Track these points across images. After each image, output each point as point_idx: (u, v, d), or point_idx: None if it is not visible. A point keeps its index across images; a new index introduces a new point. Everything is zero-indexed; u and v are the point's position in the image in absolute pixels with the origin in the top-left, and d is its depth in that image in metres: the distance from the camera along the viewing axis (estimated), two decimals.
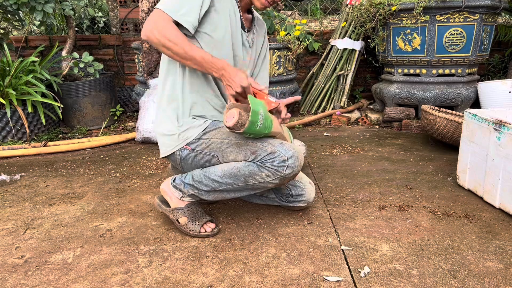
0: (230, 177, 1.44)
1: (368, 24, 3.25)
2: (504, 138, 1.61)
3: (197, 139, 1.48)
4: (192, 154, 1.50)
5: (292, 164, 1.38)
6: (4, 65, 2.92)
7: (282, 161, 1.37)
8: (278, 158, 1.37)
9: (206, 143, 1.47)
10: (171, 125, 1.51)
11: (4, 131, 2.85)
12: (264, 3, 1.47)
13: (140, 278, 1.25)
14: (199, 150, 1.49)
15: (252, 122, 1.29)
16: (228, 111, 1.34)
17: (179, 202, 1.54)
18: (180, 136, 1.49)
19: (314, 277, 1.24)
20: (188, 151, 1.50)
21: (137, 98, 3.25)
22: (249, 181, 1.43)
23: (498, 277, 1.23)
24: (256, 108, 1.29)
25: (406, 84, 3.13)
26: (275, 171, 1.38)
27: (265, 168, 1.39)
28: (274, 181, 1.41)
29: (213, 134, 1.48)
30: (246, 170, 1.41)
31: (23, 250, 1.44)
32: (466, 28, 2.86)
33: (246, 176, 1.42)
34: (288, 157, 1.37)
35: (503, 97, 2.87)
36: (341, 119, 3.25)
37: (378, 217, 1.63)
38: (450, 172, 2.11)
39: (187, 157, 1.51)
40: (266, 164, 1.38)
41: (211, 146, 1.47)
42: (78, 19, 4.28)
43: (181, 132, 1.49)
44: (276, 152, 1.38)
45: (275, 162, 1.37)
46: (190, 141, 1.48)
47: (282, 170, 1.38)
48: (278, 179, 1.40)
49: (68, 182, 2.13)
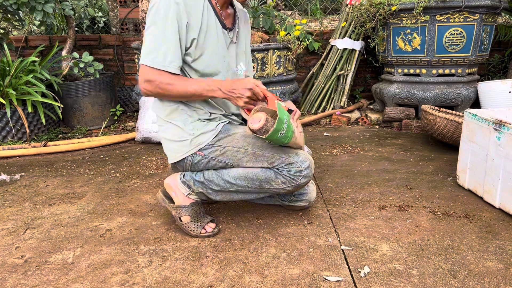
0: (245, 180, 1.46)
1: (368, 24, 3.24)
2: (504, 138, 1.61)
3: (211, 145, 1.46)
4: (204, 160, 1.48)
5: (307, 174, 1.44)
6: (4, 65, 2.92)
7: (298, 171, 1.42)
8: (295, 168, 1.42)
9: (220, 151, 1.45)
10: (179, 131, 1.46)
11: (4, 131, 2.85)
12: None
13: (140, 278, 1.26)
14: (212, 157, 1.46)
15: (276, 130, 1.28)
16: (255, 114, 1.32)
17: (184, 200, 1.53)
18: (192, 142, 1.45)
19: (314, 277, 1.24)
20: (200, 157, 1.47)
21: (137, 98, 3.25)
22: (264, 186, 1.46)
23: (498, 277, 1.23)
24: (282, 116, 1.29)
25: (406, 84, 3.13)
26: (291, 179, 1.43)
27: (282, 175, 1.43)
28: (288, 188, 1.46)
29: (228, 141, 1.45)
30: (263, 175, 1.44)
31: (23, 250, 1.44)
32: (466, 28, 2.85)
33: (262, 180, 1.45)
34: (305, 168, 1.42)
35: (503, 97, 2.87)
36: (341, 119, 3.25)
37: (378, 217, 1.63)
38: (450, 172, 2.11)
39: (199, 163, 1.49)
40: (283, 172, 1.42)
41: (226, 154, 1.45)
42: (78, 19, 4.28)
43: (193, 138, 1.45)
44: (293, 163, 1.42)
45: (292, 171, 1.42)
46: (202, 146, 1.45)
47: (298, 179, 1.43)
48: (292, 186, 1.45)
49: (68, 182, 2.13)
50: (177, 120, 1.46)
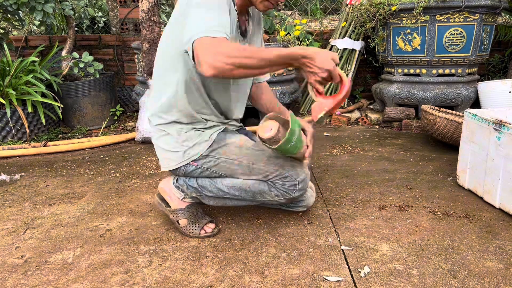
0: (238, 190, 1.45)
1: (368, 24, 3.24)
2: (504, 138, 1.61)
3: (204, 156, 1.43)
4: (198, 170, 1.46)
5: (302, 187, 1.43)
6: (4, 65, 2.92)
7: (293, 185, 1.41)
8: (290, 182, 1.41)
9: (214, 162, 1.43)
10: (173, 141, 1.43)
11: (4, 131, 2.85)
12: (268, 5, 1.35)
13: (140, 278, 1.25)
14: (206, 168, 1.44)
15: (287, 141, 1.24)
16: (266, 121, 1.28)
17: (179, 203, 1.53)
18: (185, 153, 1.42)
19: (314, 277, 1.24)
20: (194, 167, 1.45)
21: (137, 98, 3.25)
22: (257, 197, 1.46)
23: (498, 277, 1.22)
24: (294, 127, 1.24)
25: (406, 84, 3.13)
26: (285, 193, 1.43)
27: (275, 188, 1.42)
28: (281, 201, 1.46)
29: (221, 152, 1.42)
30: (256, 188, 1.43)
31: (23, 250, 1.44)
32: (466, 28, 2.85)
33: (255, 192, 1.44)
34: (299, 181, 1.41)
35: (503, 97, 2.87)
36: (341, 119, 3.25)
37: (378, 217, 1.63)
38: (450, 172, 2.11)
39: (193, 172, 1.46)
40: (277, 186, 1.42)
41: (220, 165, 1.43)
42: (78, 19, 4.28)
43: (186, 149, 1.42)
44: (288, 177, 1.40)
45: (286, 185, 1.41)
46: (196, 158, 1.43)
47: (291, 193, 1.43)
48: (285, 199, 1.45)
49: (68, 182, 2.13)
50: (171, 129, 1.42)
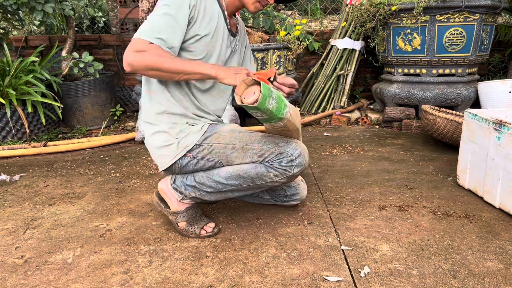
0: (236, 178, 1.42)
1: (368, 24, 3.24)
2: (504, 138, 1.61)
3: (198, 145, 1.43)
4: (193, 161, 1.45)
5: (300, 162, 1.38)
6: (4, 65, 2.92)
7: (290, 161, 1.37)
8: (286, 158, 1.37)
9: (208, 149, 1.43)
10: (166, 135, 1.44)
11: (4, 131, 2.85)
12: (258, 7, 1.43)
13: (140, 278, 1.25)
14: (200, 157, 1.44)
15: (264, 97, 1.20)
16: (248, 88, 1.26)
17: (178, 205, 1.52)
18: (180, 144, 1.42)
19: (314, 277, 1.24)
20: (188, 158, 1.45)
21: (137, 98, 3.25)
22: (257, 182, 1.42)
23: (498, 277, 1.22)
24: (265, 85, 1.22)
25: (406, 84, 3.13)
26: (284, 171, 1.38)
27: (273, 168, 1.38)
28: (282, 180, 1.41)
29: (214, 138, 1.44)
30: (253, 172, 1.40)
31: (23, 250, 1.44)
32: (466, 28, 2.85)
33: (253, 177, 1.41)
34: (296, 156, 1.37)
35: (503, 97, 2.87)
36: (341, 119, 3.25)
37: (378, 217, 1.63)
38: (450, 172, 2.10)
39: (188, 164, 1.46)
40: (274, 165, 1.38)
41: (214, 152, 1.43)
42: (78, 19, 4.28)
43: (180, 139, 1.43)
44: (283, 153, 1.37)
45: (283, 162, 1.37)
46: (190, 148, 1.43)
47: (290, 170, 1.38)
48: (286, 178, 1.40)
49: (68, 182, 2.13)
50: (163, 126, 1.44)
